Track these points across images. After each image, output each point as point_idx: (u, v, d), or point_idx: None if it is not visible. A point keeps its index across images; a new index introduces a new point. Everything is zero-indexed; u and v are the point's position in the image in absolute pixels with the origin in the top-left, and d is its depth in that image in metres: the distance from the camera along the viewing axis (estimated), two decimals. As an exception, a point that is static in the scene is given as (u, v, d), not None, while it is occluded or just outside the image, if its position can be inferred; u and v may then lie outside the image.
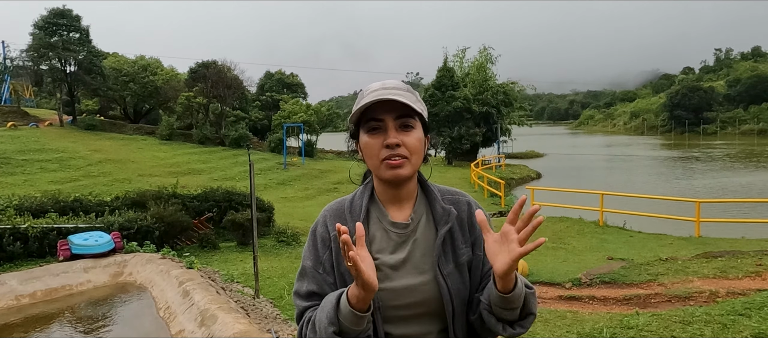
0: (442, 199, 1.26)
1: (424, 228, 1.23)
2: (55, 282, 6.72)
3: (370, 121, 1.18)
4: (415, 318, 1.19)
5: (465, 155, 32.74)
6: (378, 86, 1.20)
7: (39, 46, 29.96)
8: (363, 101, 1.17)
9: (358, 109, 1.18)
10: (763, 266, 6.85)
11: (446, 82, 33.06)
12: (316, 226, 1.27)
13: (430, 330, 1.19)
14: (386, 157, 1.16)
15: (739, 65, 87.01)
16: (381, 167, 1.18)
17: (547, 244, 10.59)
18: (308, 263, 1.24)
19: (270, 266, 8.17)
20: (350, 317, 1.07)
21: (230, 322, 4.42)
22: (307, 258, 1.25)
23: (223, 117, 34.62)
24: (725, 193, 20.16)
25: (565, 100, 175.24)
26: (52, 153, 23.25)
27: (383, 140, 1.17)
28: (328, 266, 1.22)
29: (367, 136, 1.19)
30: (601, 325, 4.33)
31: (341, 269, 1.19)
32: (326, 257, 1.22)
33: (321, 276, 1.21)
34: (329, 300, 1.12)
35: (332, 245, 1.21)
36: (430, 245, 1.22)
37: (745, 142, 52.59)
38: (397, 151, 1.16)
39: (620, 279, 7.07)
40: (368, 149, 1.19)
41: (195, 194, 10.75)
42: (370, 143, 1.18)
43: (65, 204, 9.21)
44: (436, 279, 1.18)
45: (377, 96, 1.15)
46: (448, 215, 1.23)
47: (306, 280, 1.23)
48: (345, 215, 1.23)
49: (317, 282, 1.21)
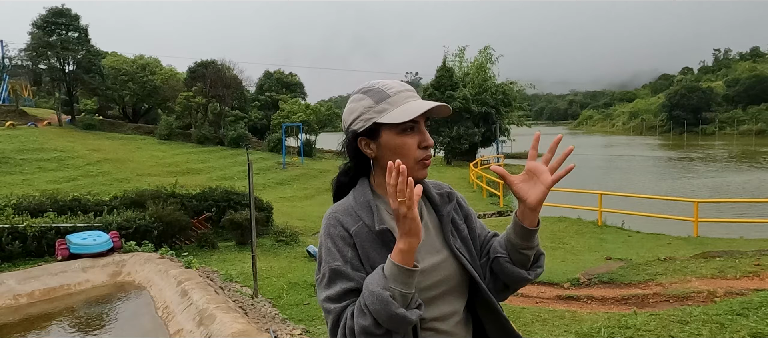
0: (432, 187, 1.37)
1: (427, 214, 1.32)
2: (53, 282, 6.71)
3: (408, 122, 1.22)
4: (441, 298, 1.25)
5: (464, 154, 32.75)
6: (402, 86, 1.27)
7: (37, 45, 29.91)
8: (411, 104, 1.22)
9: (417, 110, 1.20)
10: (761, 266, 6.85)
11: (445, 82, 33.07)
12: (327, 229, 1.24)
13: (456, 308, 1.27)
14: (424, 157, 1.25)
15: (737, 66, 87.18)
16: (415, 166, 1.24)
17: (546, 244, 10.59)
18: (337, 263, 1.18)
19: (269, 265, 8.18)
20: (401, 276, 1.08)
21: (228, 321, 4.42)
22: (334, 260, 1.19)
23: (222, 117, 34.60)
24: (723, 193, 20.18)
25: (565, 100, 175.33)
26: (50, 153, 23.22)
27: (418, 141, 1.24)
28: (356, 263, 1.19)
29: (401, 136, 1.23)
30: (599, 325, 4.34)
31: (371, 262, 1.18)
32: (352, 254, 1.20)
33: (354, 273, 1.18)
34: (373, 274, 1.12)
35: (356, 240, 1.20)
36: (436, 226, 1.31)
37: (743, 142, 52.67)
38: (429, 151, 1.27)
39: (619, 278, 7.08)
40: (403, 149, 1.22)
41: (194, 194, 10.74)
42: (409, 143, 1.23)
43: (64, 204, 9.20)
44: (454, 253, 1.27)
45: (421, 101, 1.24)
46: (448, 197, 1.35)
47: (339, 282, 1.17)
48: (355, 213, 1.24)
49: (352, 279, 1.17)
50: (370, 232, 1.20)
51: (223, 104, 34.57)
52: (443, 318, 1.24)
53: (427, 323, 1.22)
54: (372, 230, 1.20)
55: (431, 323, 1.22)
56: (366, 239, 1.20)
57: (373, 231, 1.20)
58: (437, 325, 1.23)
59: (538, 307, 5.99)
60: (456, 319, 1.26)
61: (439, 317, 1.23)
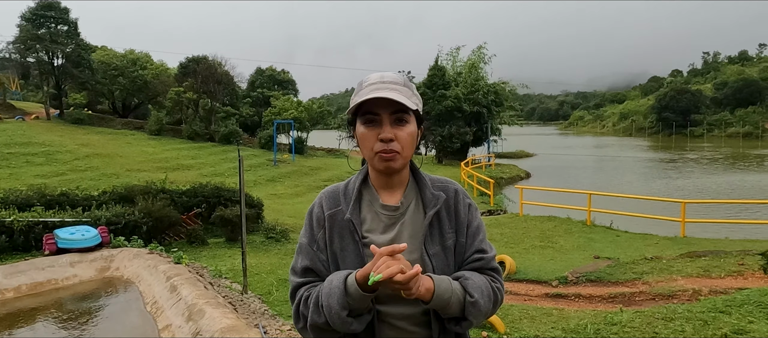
0: (431, 186, 1.35)
1: (413, 212, 1.31)
2: (40, 276, 6.65)
3: (367, 114, 1.24)
4: (399, 298, 1.23)
5: (455, 153, 32.82)
6: (377, 78, 1.26)
7: (26, 38, 29.55)
8: (360, 96, 1.22)
9: (356, 103, 1.23)
10: (744, 265, 6.97)
11: (437, 81, 33.10)
12: (312, 207, 1.35)
13: (416, 310, 1.26)
14: (380, 150, 1.24)
15: (726, 69, 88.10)
16: (374, 158, 1.26)
17: (535, 243, 10.67)
18: (304, 240, 1.33)
19: (259, 262, 8.16)
20: (359, 298, 1.16)
21: (218, 317, 4.41)
22: (304, 235, 1.33)
23: (213, 113, 34.39)
24: (710, 194, 20.43)
25: (556, 100, 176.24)
26: (38, 147, 22.96)
27: (378, 133, 1.24)
28: (321, 244, 1.30)
29: (363, 127, 1.26)
30: (585, 322, 4.39)
31: (333, 247, 1.28)
32: (320, 235, 1.30)
33: (315, 253, 1.30)
34: (336, 285, 1.18)
35: (326, 224, 1.30)
36: (418, 227, 1.29)
37: (730, 144, 53.30)
38: (390, 145, 1.23)
39: (606, 277, 7.16)
40: (364, 140, 1.27)
41: (184, 190, 10.68)
42: (366, 134, 1.26)
43: (51, 198, 9.11)
44: (422, 257, 1.26)
45: (373, 91, 1.21)
46: (436, 200, 1.32)
47: (301, 256, 1.32)
48: (339, 198, 1.32)
49: (311, 259, 1.30)
50: (343, 219, 1.28)
51: (214, 100, 34.36)
52: (399, 316, 1.25)
53: (387, 318, 1.25)
54: (344, 217, 1.28)
55: (390, 319, 1.25)
56: (337, 224, 1.29)
57: (344, 219, 1.28)
58: (396, 322, 1.26)
59: (527, 305, 6.05)
60: (416, 319, 1.26)
61: (398, 315, 1.25)
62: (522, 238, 11.09)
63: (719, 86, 75.31)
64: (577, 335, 4.06)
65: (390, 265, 1.09)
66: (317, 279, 1.29)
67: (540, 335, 4.39)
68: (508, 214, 15.06)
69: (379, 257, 1.11)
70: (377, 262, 1.11)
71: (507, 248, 9.79)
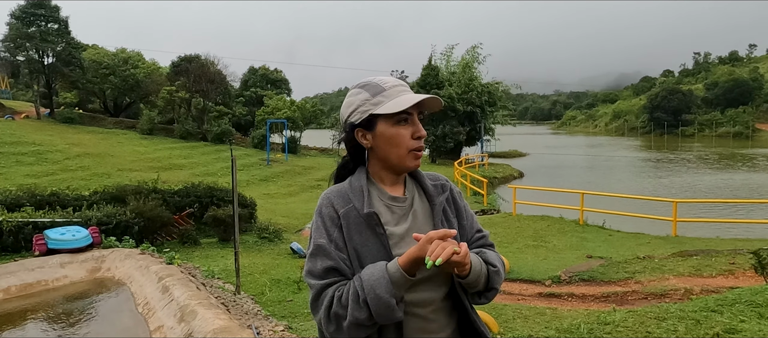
0: (428, 179, 1.43)
1: (419, 202, 1.38)
2: (30, 277, 6.58)
3: (402, 113, 1.30)
4: (421, 284, 1.28)
5: (448, 153, 32.88)
6: (396, 81, 1.35)
7: (16, 36, 29.27)
8: (405, 99, 1.29)
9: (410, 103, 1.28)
10: (736, 264, 7.03)
11: (430, 81, 33.13)
12: (320, 208, 1.33)
13: (436, 296, 1.31)
14: (416, 147, 1.33)
15: (716, 69, 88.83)
16: (408, 156, 1.33)
17: (528, 242, 10.71)
18: (322, 240, 1.28)
19: (252, 262, 8.13)
20: (404, 283, 1.19)
21: (210, 318, 4.38)
22: (320, 236, 1.29)
23: (205, 112, 34.22)
24: (698, 193, 20.60)
25: (548, 100, 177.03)
26: (28, 146, 22.74)
27: (412, 132, 1.32)
28: (340, 243, 1.28)
29: (396, 127, 1.31)
30: (578, 321, 4.40)
31: (353, 243, 1.28)
32: (337, 234, 1.29)
33: (336, 253, 1.27)
34: (379, 275, 1.19)
35: (342, 222, 1.29)
36: (427, 216, 1.36)
37: (721, 144, 53.80)
38: (422, 142, 1.34)
39: (599, 276, 7.20)
40: (397, 139, 1.31)
41: (176, 190, 10.62)
42: (402, 133, 1.31)
43: (42, 198, 9.02)
44: None
45: (413, 94, 1.31)
46: (441, 188, 1.41)
47: (320, 258, 1.27)
48: (349, 196, 1.32)
49: (333, 259, 1.27)
50: (358, 215, 1.29)
51: (206, 99, 34.19)
52: (422, 303, 1.29)
53: (409, 307, 1.27)
54: (360, 213, 1.28)
55: (410, 307, 1.28)
56: (353, 221, 1.29)
57: (361, 214, 1.28)
58: (416, 310, 1.29)
59: (520, 304, 6.06)
60: (435, 306, 1.31)
61: (418, 302, 1.29)
62: (515, 238, 11.12)
63: (710, 86, 75.99)
64: (570, 334, 4.07)
65: (445, 247, 1.14)
66: (343, 279, 1.26)
67: (533, 334, 4.39)
68: (501, 214, 15.10)
69: (428, 241, 1.15)
70: (424, 246, 1.15)
71: (500, 248, 9.80)
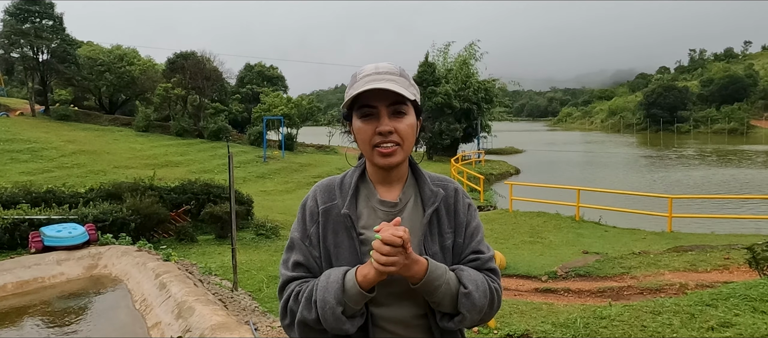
0: (431, 183, 1.29)
1: (412, 209, 1.26)
2: (26, 275, 6.56)
3: (364, 107, 1.18)
4: (397, 299, 1.21)
5: (445, 150, 32.92)
6: (371, 69, 1.20)
7: (10, 33, 29.06)
8: (355, 88, 1.17)
9: (351, 96, 1.18)
10: (730, 259, 7.08)
11: (427, 77, 33.14)
12: (306, 200, 1.30)
13: (411, 313, 1.21)
14: (378, 143, 1.18)
15: (712, 66, 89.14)
16: (373, 153, 1.20)
17: (525, 238, 10.75)
18: (296, 235, 1.27)
19: (249, 259, 8.13)
20: (357, 296, 1.12)
21: (208, 314, 4.38)
22: (296, 230, 1.28)
23: (201, 109, 34.11)
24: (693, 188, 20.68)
25: (545, 97, 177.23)
26: (23, 144, 22.62)
27: (376, 126, 1.17)
28: (314, 239, 1.24)
29: (359, 121, 1.20)
30: (575, 316, 4.42)
31: (327, 243, 1.23)
32: (313, 230, 1.25)
33: (307, 249, 1.25)
34: (334, 280, 1.13)
35: (320, 219, 1.24)
36: (417, 225, 1.24)
37: (716, 141, 54.01)
38: (389, 138, 1.17)
39: (595, 272, 7.23)
40: (361, 135, 1.21)
41: (172, 187, 10.59)
42: (363, 128, 1.19)
43: (37, 195, 8.98)
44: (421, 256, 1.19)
45: (369, 83, 1.15)
46: (435, 197, 1.26)
47: (293, 251, 1.27)
48: (335, 192, 1.26)
49: (303, 254, 1.25)
50: (338, 214, 1.23)
51: (202, 96, 34.07)
52: (393, 320, 1.20)
53: (381, 321, 1.20)
54: (340, 212, 1.23)
55: (384, 323, 1.20)
56: (332, 219, 1.24)
57: (340, 213, 1.23)
58: (388, 326, 1.20)
59: (516, 299, 6.09)
60: (407, 324, 1.21)
61: (389, 318, 1.20)
62: (511, 234, 11.16)
63: (705, 83, 76.26)
64: (566, 329, 4.10)
65: (399, 230, 1.08)
66: (309, 275, 1.23)
67: (530, 329, 4.41)
68: (497, 210, 15.15)
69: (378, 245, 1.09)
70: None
71: (497, 244, 9.85)
